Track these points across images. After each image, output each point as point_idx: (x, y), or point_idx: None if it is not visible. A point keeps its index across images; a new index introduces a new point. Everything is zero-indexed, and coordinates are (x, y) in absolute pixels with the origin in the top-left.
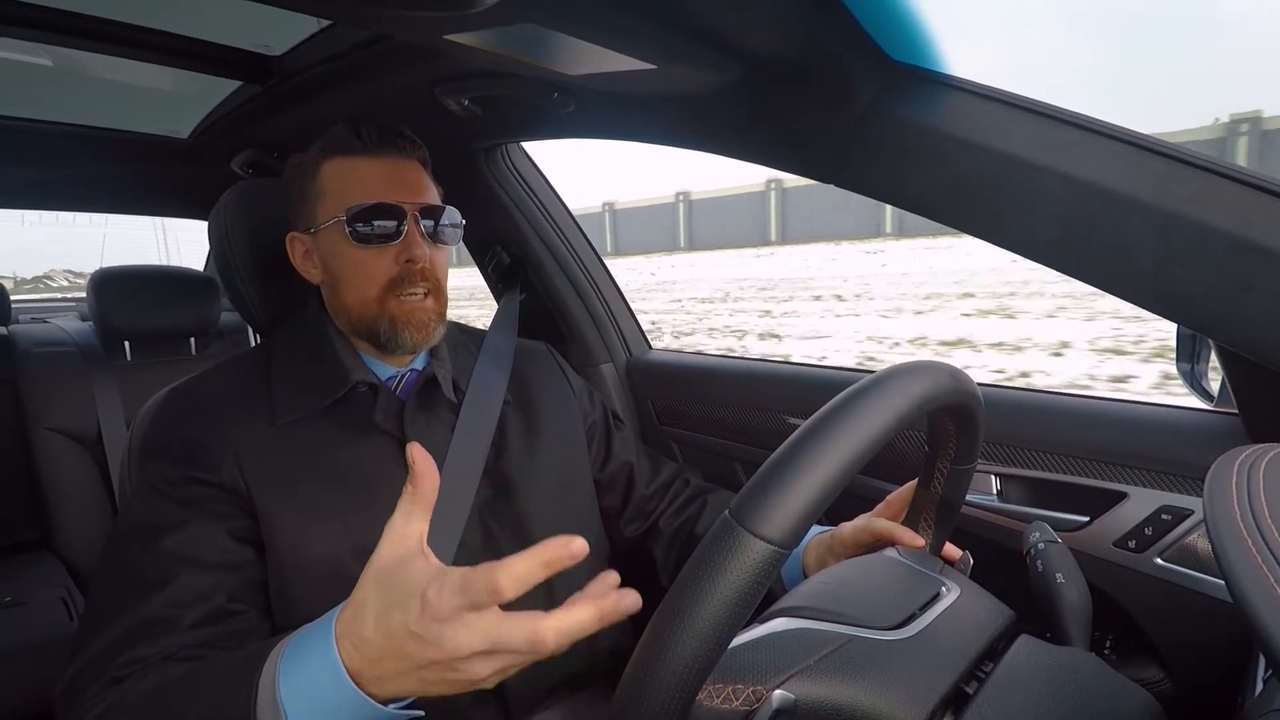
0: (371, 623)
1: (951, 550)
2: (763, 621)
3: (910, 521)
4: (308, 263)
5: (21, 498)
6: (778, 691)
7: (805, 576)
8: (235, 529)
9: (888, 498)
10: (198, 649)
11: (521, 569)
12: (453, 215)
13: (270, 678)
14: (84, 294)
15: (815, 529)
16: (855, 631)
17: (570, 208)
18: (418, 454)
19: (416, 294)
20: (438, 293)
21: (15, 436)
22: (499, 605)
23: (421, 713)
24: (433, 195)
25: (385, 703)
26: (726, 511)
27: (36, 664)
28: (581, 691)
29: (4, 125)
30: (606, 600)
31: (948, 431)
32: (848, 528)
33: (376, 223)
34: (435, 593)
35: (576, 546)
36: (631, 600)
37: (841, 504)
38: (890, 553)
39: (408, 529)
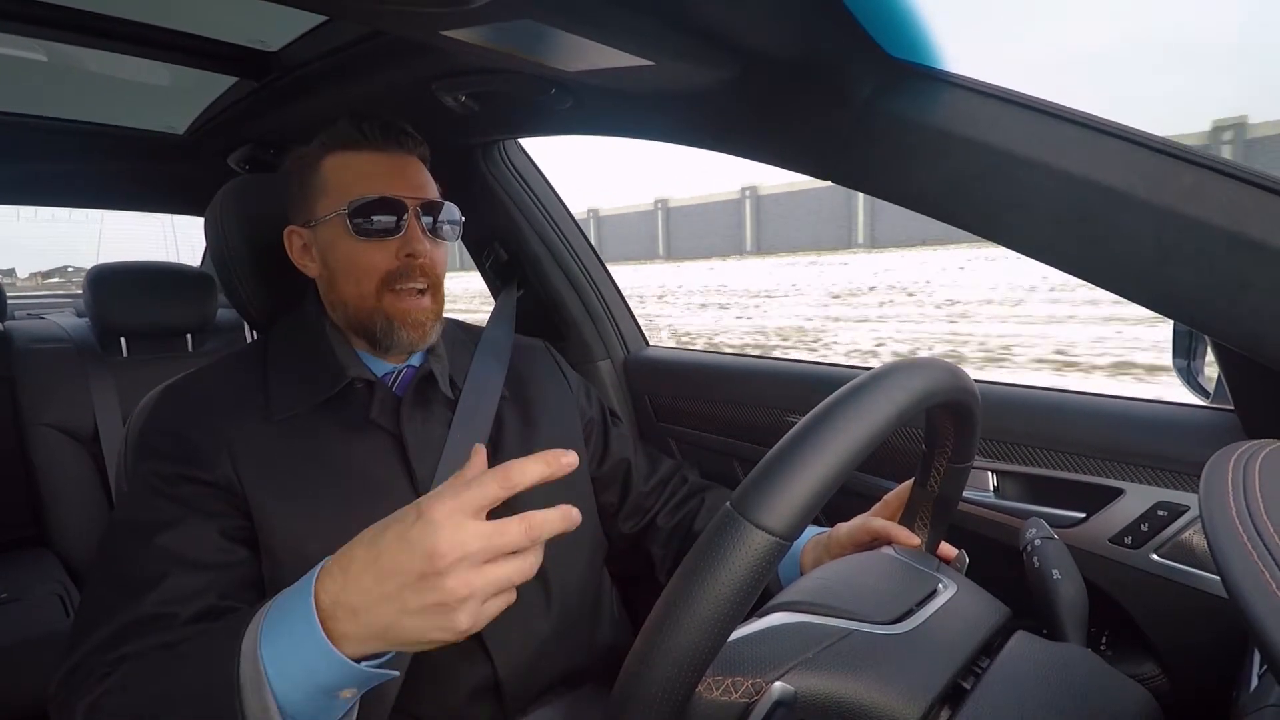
0: (366, 539)
1: (947, 549)
2: (761, 615)
3: (907, 520)
4: (305, 256)
5: (18, 494)
6: (777, 684)
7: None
8: (229, 527)
9: (884, 497)
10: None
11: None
12: (452, 212)
13: (253, 641)
14: None
15: (812, 529)
16: (854, 625)
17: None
18: (479, 455)
19: (414, 289)
20: (435, 290)
21: (12, 433)
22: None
23: (396, 673)
24: (433, 191)
25: (360, 660)
26: (728, 503)
27: (33, 660)
28: (578, 688)
29: (0, 121)
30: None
31: (945, 429)
32: (844, 528)
33: (378, 217)
34: (432, 499)
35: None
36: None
37: (839, 501)
38: (887, 551)
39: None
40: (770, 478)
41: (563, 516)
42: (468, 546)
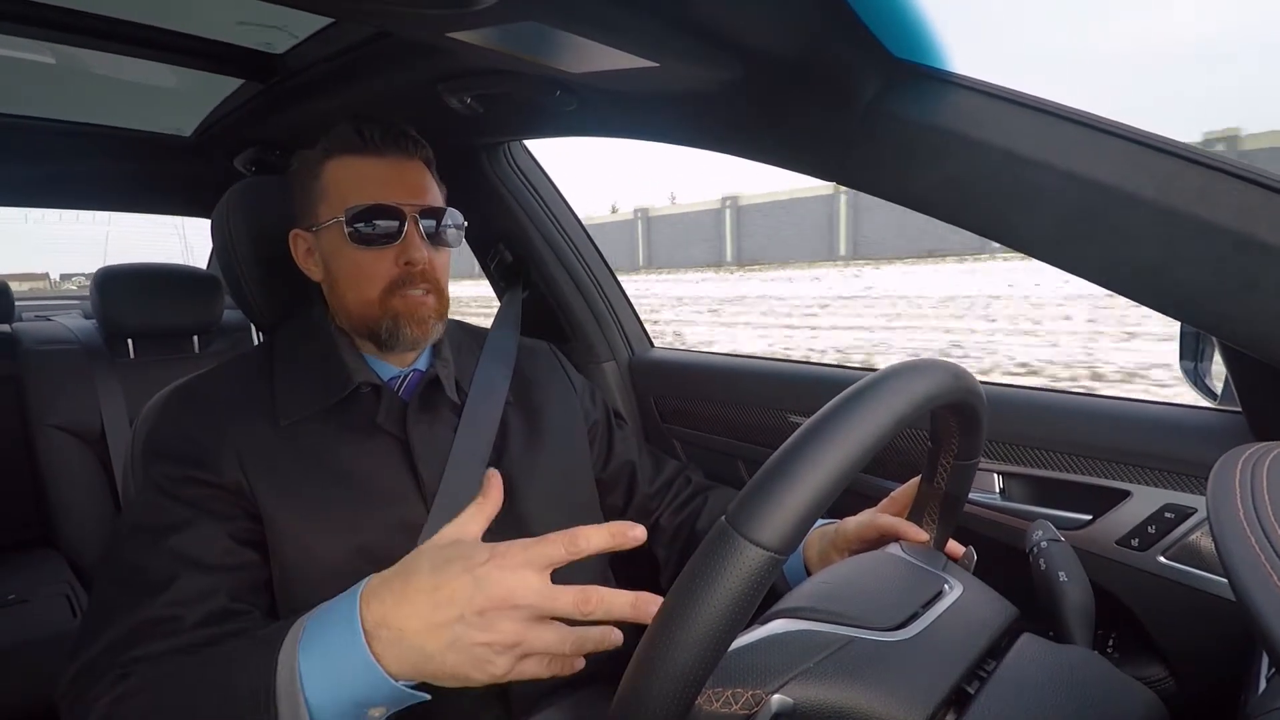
0: (426, 567)
1: (955, 546)
2: (763, 623)
3: (914, 517)
4: (309, 260)
5: (25, 495)
6: (776, 696)
7: (806, 569)
8: (237, 530)
9: (891, 494)
10: (203, 648)
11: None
12: (454, 216)
13: (291, 653)
14: None
15: (818, 521)
16: (856, 633)
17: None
18: (495, 480)
19: (417, 292)
20: (438, 293)
21: (19, 434)
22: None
23: (428, 696)
24: (435, 196)
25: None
26: (723, 517)
27: (40, 660)
28: (583, 690)
29: (7, 123)
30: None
31: (950, 428)
32: (851, 523)
33: (376, 223)
34: (506, 546)
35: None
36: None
37: (843, 502)
38: (893, 549)
39: (469, 525)
40: (765, 492)
41: (629, 605)
42: (529, 598)
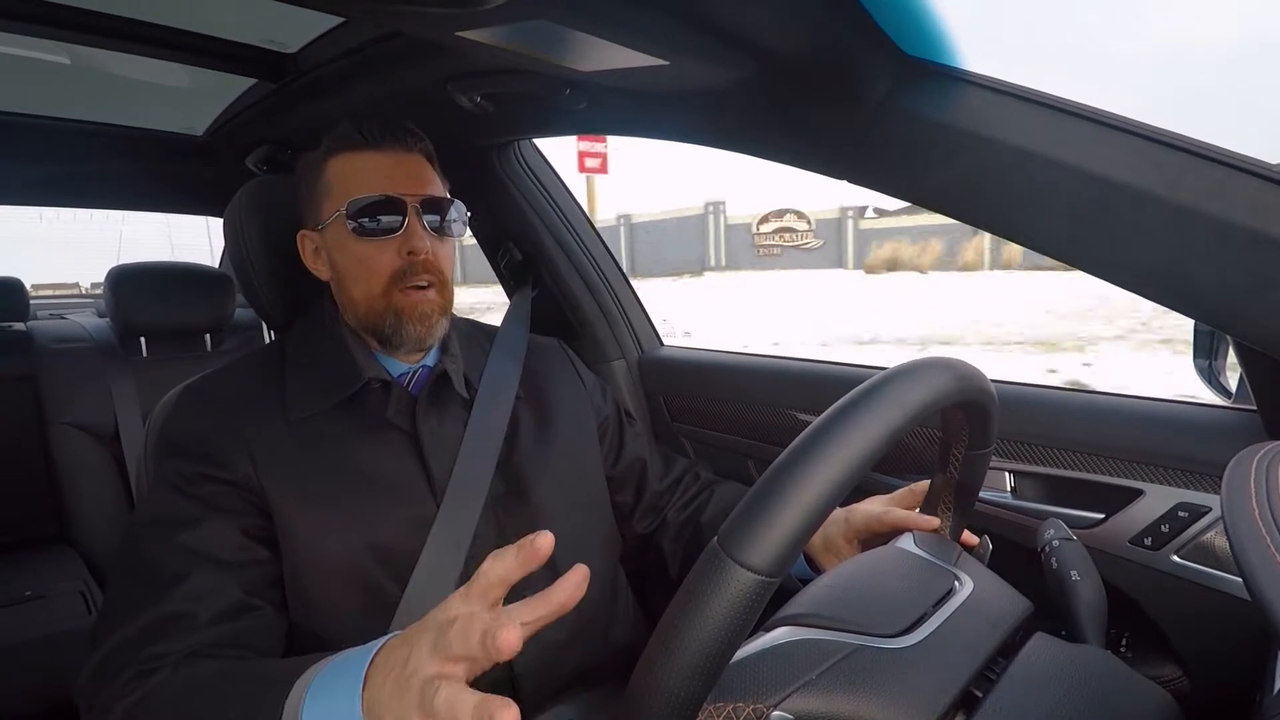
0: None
1: (970, 536)
2: (767, 629)
3: (929, 508)
4: (317, 260)
5: (40, 492)
6: (776, 712)
7: (808, 559)
8: (250, 526)
9: (910, 486)
10: (219, 647)
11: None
12: (457, 208)
13: (298, 698)
14: None
15: None
16: (860, 640)
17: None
18: (541, 546)
19: (420, 285)
20: (442, 286)
21: (34, 432)
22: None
23: None
24: (436, 188)
25: None
26: (715, 539)
27: (56, 657)
28: (594, 687)
29: (22, 122)
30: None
31: (958, 422)
32: (859, 513)
33: (378, 216)
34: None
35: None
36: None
37: (848, 500)
38: (905, 542)
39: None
40: (755, 515)
41: None
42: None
